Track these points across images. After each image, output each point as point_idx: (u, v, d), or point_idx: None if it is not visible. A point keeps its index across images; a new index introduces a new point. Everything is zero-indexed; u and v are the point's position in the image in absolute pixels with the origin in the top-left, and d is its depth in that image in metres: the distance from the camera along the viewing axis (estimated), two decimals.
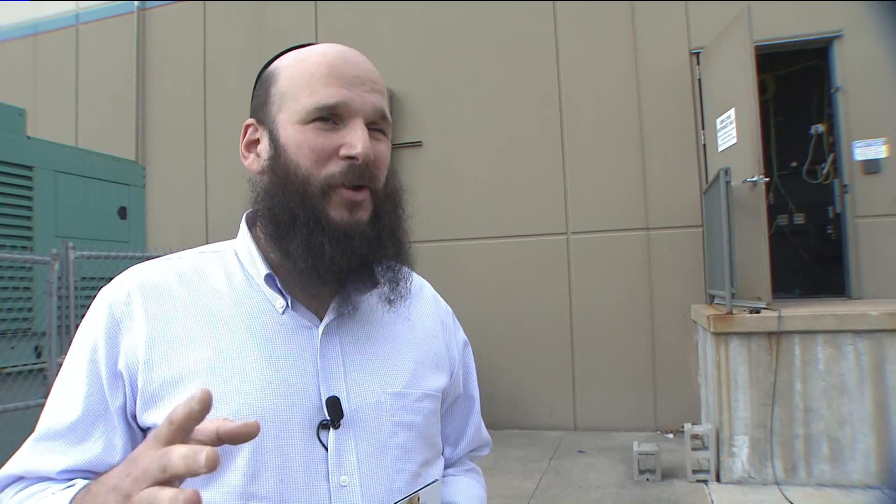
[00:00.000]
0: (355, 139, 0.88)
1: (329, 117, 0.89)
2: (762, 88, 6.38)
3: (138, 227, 5.35)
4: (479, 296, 6.41)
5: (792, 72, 7.14)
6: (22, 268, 4.18)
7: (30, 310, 4.22)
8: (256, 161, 0.95)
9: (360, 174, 0.89)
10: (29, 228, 4.33)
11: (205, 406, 0.60)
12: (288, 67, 0.93)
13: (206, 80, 7.51)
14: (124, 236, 5.14)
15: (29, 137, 4.50)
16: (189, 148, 7.50)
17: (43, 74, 8.36)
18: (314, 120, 0.89)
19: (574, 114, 6.36)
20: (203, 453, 0.57)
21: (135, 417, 0.87)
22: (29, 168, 4.35)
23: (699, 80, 5.98)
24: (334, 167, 0.88)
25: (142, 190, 5.44)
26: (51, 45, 8.36)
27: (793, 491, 4.13)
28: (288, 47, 0.97)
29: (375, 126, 0.93)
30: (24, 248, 4.25)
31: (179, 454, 0.58)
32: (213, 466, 0.57)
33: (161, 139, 7.75)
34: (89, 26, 8.25)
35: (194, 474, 0.58)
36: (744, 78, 4.82)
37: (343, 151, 0.88)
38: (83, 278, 4.27)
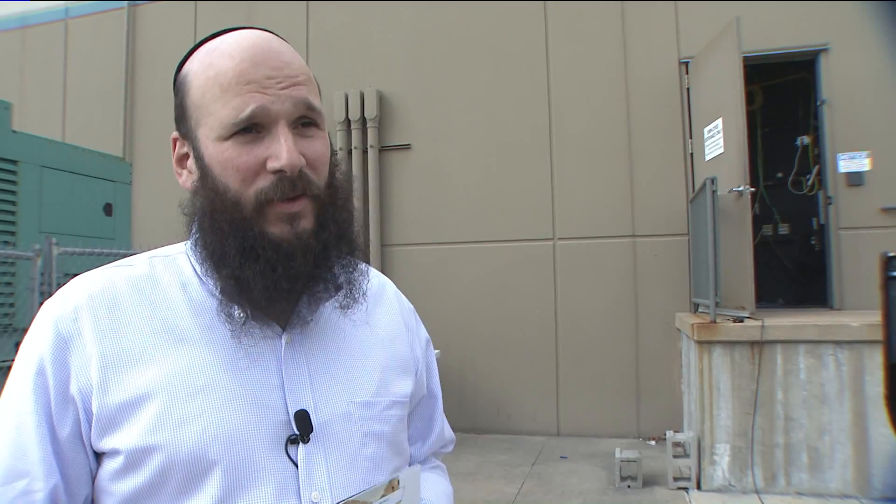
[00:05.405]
0: (279, 149, 0.82)
1: (249, 127, 0.83)
2: (749, 99, 6.44)
3: (124, 224, 5.31)
4: (465, 299, 6.41)
5: (779, 83, 7.22)
6: (4, 263, 4.14)
7: (11, 305, 4.18)
8: (189, 178, 0.90)
9: (291, 185, 0.83)
10: (13, 223, 4.29)
11: None
12: (198, 76, 0.86)
13: None
14: (110, 233, 5.10)
15: (15, 131, 4.45)
16: None
17: (31, 68, 8.29)
18: (234, 134, 0.83)
19: (563, 120, 6.39)
20: None
21: (90, 443, 0.82)
22: (14, 162, 4.31)
23: (688, 89, 6.03)
24: (263, 182, 0.83)
25: (128, 187, 5.40)
26: (40, 40, 8.29)
27: (772, 499, 4.17)
28: (197, 42, 0.90)
29: (305, 119, 0.86)
30: (6, 243, 4.20)
31: None
32: None
33: (149, 136, 7.69)
34: (79, 21, 8.19)
35: None
36: (732, 88, 4.86)
37: (269, 165, 0.82)
38: (66, 275, 4.23)
